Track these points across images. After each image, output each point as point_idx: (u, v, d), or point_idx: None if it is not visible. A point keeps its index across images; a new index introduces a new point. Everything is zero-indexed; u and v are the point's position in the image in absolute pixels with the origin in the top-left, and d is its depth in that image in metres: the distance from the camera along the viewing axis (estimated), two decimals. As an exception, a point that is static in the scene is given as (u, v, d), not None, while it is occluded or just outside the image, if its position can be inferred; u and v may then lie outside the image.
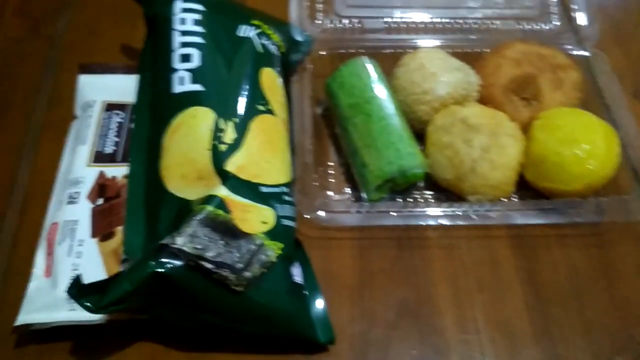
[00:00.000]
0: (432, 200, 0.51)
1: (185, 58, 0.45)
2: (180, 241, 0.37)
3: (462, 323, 0.46)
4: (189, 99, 0.43)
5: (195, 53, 0.45)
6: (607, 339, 0.46)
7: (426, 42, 0.58)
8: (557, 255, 0.50)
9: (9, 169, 0.52)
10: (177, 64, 0.45)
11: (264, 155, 0.43)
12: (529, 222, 0.49)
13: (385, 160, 0.49)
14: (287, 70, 0.53)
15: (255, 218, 0.40)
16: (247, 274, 0.38)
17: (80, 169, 0.48)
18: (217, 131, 0.42)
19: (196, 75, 0.44)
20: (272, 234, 0.41)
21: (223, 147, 0.41)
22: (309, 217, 0.47)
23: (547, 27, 0.61)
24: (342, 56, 0.57)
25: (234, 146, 0.42)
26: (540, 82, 0.53)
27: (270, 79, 0.48)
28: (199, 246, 0.37)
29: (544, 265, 0.49)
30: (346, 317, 0.46)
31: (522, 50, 0.54)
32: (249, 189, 0.41)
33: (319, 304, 0.44)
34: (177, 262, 0.37)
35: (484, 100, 0.53)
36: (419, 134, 0.52)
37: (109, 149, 0.49)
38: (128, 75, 0.53)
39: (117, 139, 0.50)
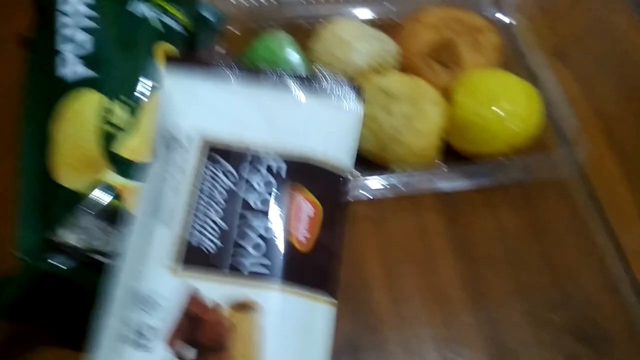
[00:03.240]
0: (357, 173, 0.50)
1: (70, 39, 0.42)
2: (65, 234, 0.34)
3: (395, 296, 0.44)
4: (77, 83, 0.40)
5: (81, 34, 0.42)
6: (541, 298, 0.45)
7: (344, 13, 0.56)
8: (487, 220, 0.49)
9: None
10: (61, 45, 0.42)
11: None
12: (455, 187, 0.48)
13: (304, 135, 0.47)
14: (196, 49, 0.50)
15: None
16: None
17: (157, 276, 0.27)
18: (106, 113, 0.39)
19: (82, 57, 0.41)
20: None
21: (111, 130, 0.38)
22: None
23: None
24: (258, 34, 0.54)
25: (125, 128, 0.39)
26: (459, 46, 0.52)
27: (169, 55, 0.45)
28: (86, 238, 0.34)
29: (474, 231, 0.48)
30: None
31: (438, 16, 0.53)
32: (142, 172, 0.38)
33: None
34: (65, 258, 0.34)
35: (404, 68, 0.52)
36: (341, 108, 0.51)
37: (207, 243, 0.28)
38: (227, 85, 0.32)
39: (222, 224, 0.28)
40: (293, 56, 0.50)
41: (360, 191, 0.47)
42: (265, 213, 0.30)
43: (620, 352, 0.43)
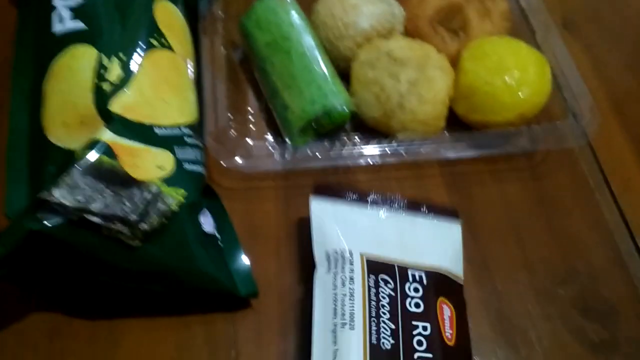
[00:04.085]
0: (360, 141, 0.48)
1: None
2: (58, 193, 0.32)
3: (398, 267, 0.43)
4: (70, 38, 0.38)
5: None
6: (548, 272, 0.44)
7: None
8: (493, 191, 0.47)
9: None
10: (56, 1, 0.40)
11: (159, 94, 0.38)
12: (460, 156, 0.46)
13: (307, 100, 0.45)
14: (196, 11, 0.48)
15: (148, 163, 0.36)
16: (144, 225, 0.34)
17: None
18: (101, 69, 0.37)
19: (77, 12, 0.39)
20: (172, 180, 0.36)
21: (107, 87, 0.36)
22: (225, 165, 0.43)
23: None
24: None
25: (121, 85, 0.37)
26: (468, 12, 0.50)
27: (168, 14, 0.43)
28: (81, 198, 0.32)
29: (479, 202, 0.47)
30: (273, 270, 0.42)
31: (447, -20, 0.51)
32: (140, 131, 0.36)
33: (238, 256, 0.40)
34: (58, 218, 0.32)
35: (410, 33, 0.50)
36: (345, 74, 0.49)
37: (385, 342, 0.34)
38: (365, 208, 0.40)
39: (392, 325, 0.35)
40: (295, 18, 0.48)
41: (364, 159, 0.45)
42: (420, 315, 0.36)
43: (627, 327, 0.42)
